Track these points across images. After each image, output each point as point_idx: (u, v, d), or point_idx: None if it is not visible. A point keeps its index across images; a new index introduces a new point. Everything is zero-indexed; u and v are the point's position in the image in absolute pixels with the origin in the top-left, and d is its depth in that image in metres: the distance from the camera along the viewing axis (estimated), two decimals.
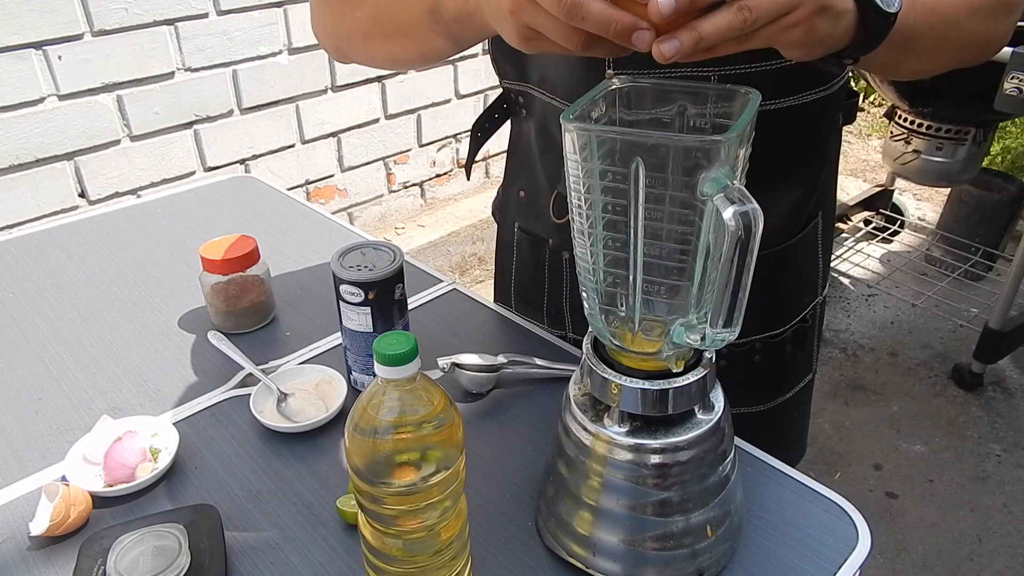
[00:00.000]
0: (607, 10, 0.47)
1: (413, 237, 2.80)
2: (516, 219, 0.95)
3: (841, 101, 0.80)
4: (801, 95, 0.73)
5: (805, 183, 0.80)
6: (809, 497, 0.70)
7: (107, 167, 2.07)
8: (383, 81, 2.60)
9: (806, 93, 0.74)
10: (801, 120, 0.75)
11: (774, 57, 0.69)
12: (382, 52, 0.74)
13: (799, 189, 0.80)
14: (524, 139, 0.90)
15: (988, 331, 2.18)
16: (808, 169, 0.80)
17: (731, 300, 0.49)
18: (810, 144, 0.79)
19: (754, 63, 0.69)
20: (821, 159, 0.82)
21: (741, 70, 0.69)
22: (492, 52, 0.86)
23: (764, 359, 0.85)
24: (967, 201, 2.65)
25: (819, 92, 0.74)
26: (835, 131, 0.84)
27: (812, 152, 0.80)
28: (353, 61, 0.80)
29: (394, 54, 0.73)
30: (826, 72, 0.74)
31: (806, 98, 0.74)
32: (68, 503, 0.66)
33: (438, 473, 0.52)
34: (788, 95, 0.72)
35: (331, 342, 0.93)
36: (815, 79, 0.74)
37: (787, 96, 0.72)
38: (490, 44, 0.85)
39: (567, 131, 0.50)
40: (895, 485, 1.96)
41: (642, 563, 0.59)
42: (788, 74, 0.70)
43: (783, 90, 0.72)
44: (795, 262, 0.84)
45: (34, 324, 0.96)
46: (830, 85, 0.75)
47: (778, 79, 0.70)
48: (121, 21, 1.96)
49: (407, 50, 0.71)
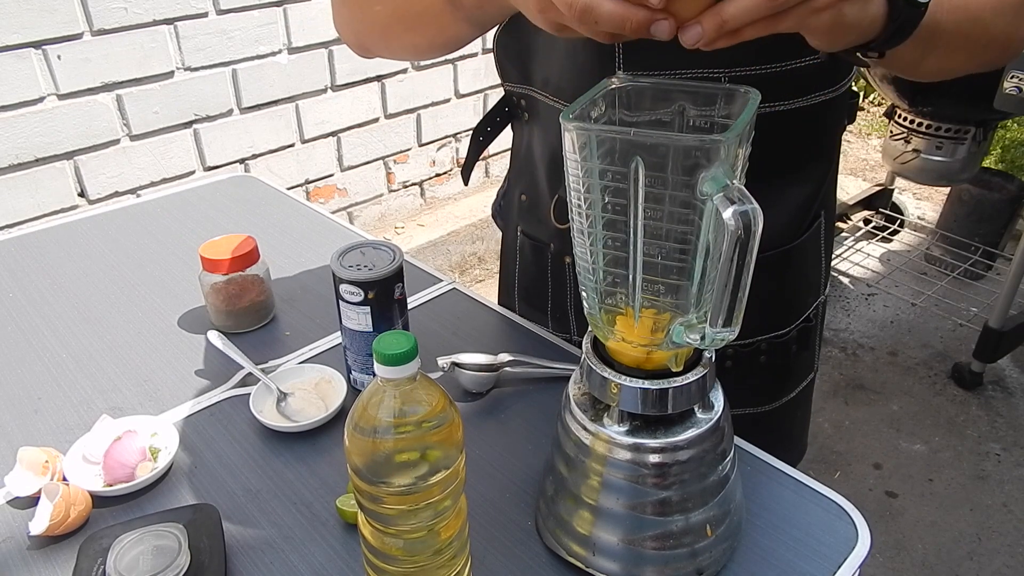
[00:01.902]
0: (618, 9, 0.46)
1: (413, 237, 2.80)
2: (519, 223, 0.95)
3: (847, 101, 0.80)
4: (811, 96, 0.73)
5: (813, 181, 0.80)
6: (809, 496, 0.70)
7: (107, 166, 2.07)
8: (383, 80, 2.60)
9: (816, 94, 0.73)
10: (810, 120, 0.75)
11: (785, 58, 0.69)
12: (403, 43, 0.74)
13: (807, 187, 0.80)
14: (526, 143, 0.89)
15: (988, 330, 2.19)
16: (815, 168, 0.80)
17: (731, 300, 0.49)
18: (818, 143, 0.80)
19: (765, 65, 0.69)
20: (828, 158, 0.82)
21: (752, 72, 0.69)
22: (496, 54, 0.86)
23: (770, 359, 0.85)
24: (967, 200, 2.65)
25: (828, 93, 0.74)
26: (840, 131, 0.84)
27: (819, 151, 0.80)
28: (375, 55, 0.80)
29: (415, 44, 0.73)
30: (836, 73, 0.74)
31: (816, 99, 0.74)
32: (68, 503, 0.66)
33: (438, 473, 0.52)
34: (798, 96, 0.72)
35: (331, 342, 0.93)
36: (824, 80, 0.74)
37: (797, 97, 0.72)
38: (495, 46, 0.85)
39: (567, 131, 0.50)
40: (895, 484, 1.96)
41: (642, 562, 0.59)
42: (799, 75, 0.70)
43: (794, 91, 0.72)
44: (801, 262, 0.84)
45: (34, 324, 0.96)
46: (839, 86, 0.75)
47: (789, 80, 0.70)
48: (121, 20, 1.96)
49: (429, 38, 0.71)
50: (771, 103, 0.71)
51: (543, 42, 0.78)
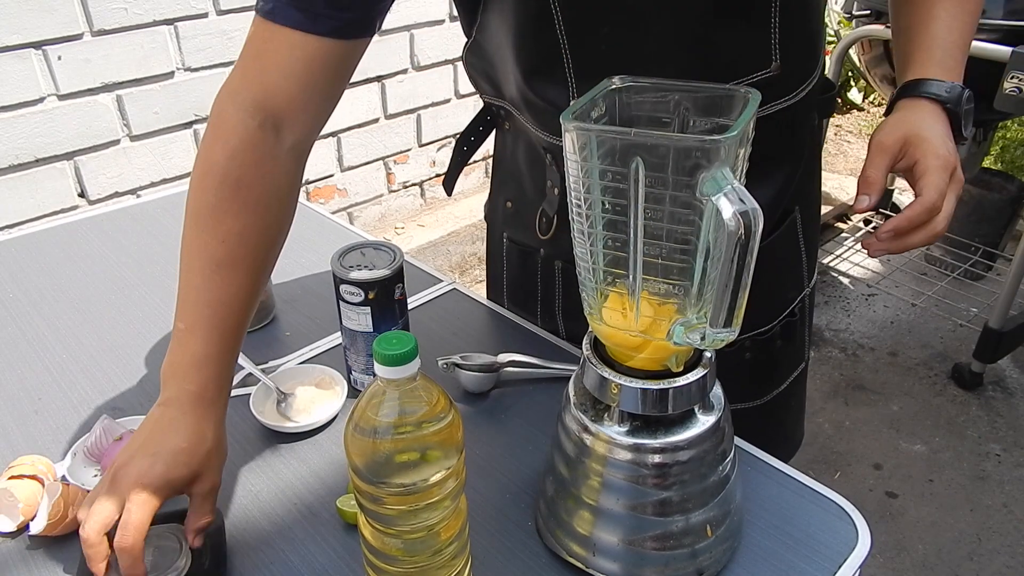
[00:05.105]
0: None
1: (413, 237, 2.80)
2: (504, 229, 0.94)
3: (815, 100, 0.79)
4: (766, 107, 0.72)
5: (775, 184, 0.79)
6: (809, 497, 0.70)
7: (107, 167, 2.07)
8: (383, 81, 2.60)
9: (774, 103, 0.72)
10: (772, 127, 0.73)
11: (733, 76, 0.69)
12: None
13: (770, 191, 0.78)
14: (509, 151, 0.89)
15: (988, 331, 2.18)
16: (778, 171, 0.79)
17: (731, 300, 0.49)
18: (781, 147, 0.78)
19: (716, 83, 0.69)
20: (794, 159, 0.80)
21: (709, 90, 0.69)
22: (467, 70, 0.86)
23: (755, 356, 0.85)
24: (967, 201, 2.65)
25: (787, 100, 0.73)
26: (809, 131, 0.82)
27: (785, 152, 0.79)
28: None
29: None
30: (790, 82, 0.73)
31: (772, 108, 0.72)
32: (67, 503, 0.66)
33: (438, 473, 0.52)
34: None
35: (331, 342, 0.93)
36: (779, 91, 0.72)
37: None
38: (464, 64, 0.85)
39: (567, 131, 0.50)
40: (895, 485, 1.95)
41: (642, 563, 0.59)
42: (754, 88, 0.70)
43: None
44: (773, 258, 0.82)
45: (34, 324, 0.96)
46: (796, 93, 0.74)
47: None
48: (121, 21, 1.96)
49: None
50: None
51: (502, 65, 0.78)
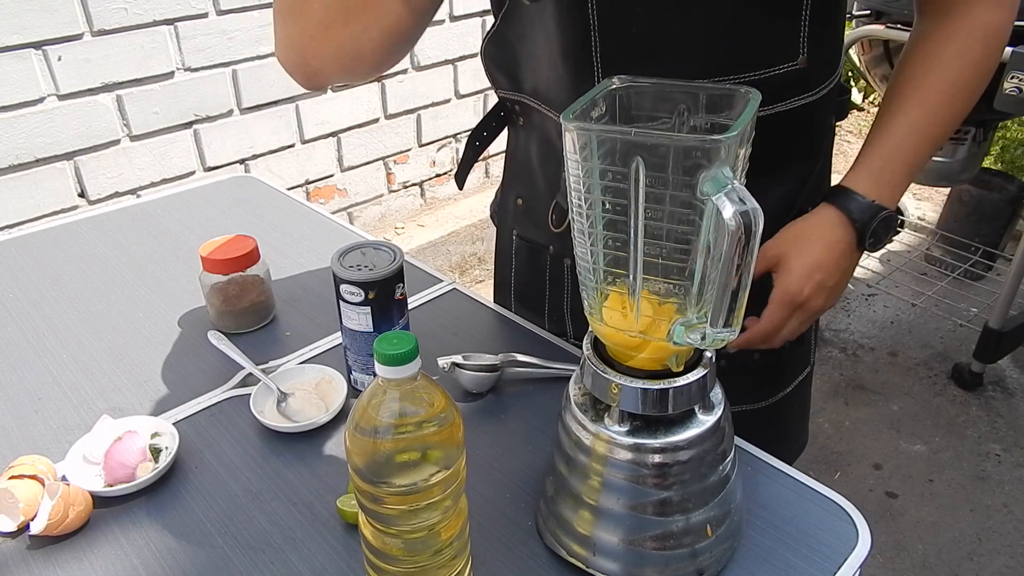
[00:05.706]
0: None
1: (413, 237, 2.80)
2: (514, 226, 0.94)
3: (833, 100, 0.80)
4: (790, 101, 0.73)
5: (793, 179, 0.80)
6: (809, 496, 0.70)
7: (107, 167, 2.07)
8: (383, 81, 2.60)
9: (795, 99, 0.74)
10: (791, 123, 0.75)
11: (761, 67, 0.69)
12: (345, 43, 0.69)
13: (787, 185, 0.80)
14: (522, 147, 0.89)
15: (988, 331, 2.18)
16: (796, 167, 0.80)
17: (731, 300, 0.49)
18: (801, 144, 0.79)
19: (742, 73, 0.70)
20: (811, 156, 0.81)
21: (729, 81, 0.69)
22: (485, 63, 0.86)
23: (763, 356, 0.85)
24: (967, 201, 2.65)
25: (808, 97, 0.74)
26: (827, 130, 0.83)
27: (803, 151, 0.80)
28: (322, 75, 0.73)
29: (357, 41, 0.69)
30: (814, 77, 0.74)
31: (795, 103, 0.74)
32: (67, 502, 0.66)
33: (439, 473, 0.52)
34: (777, 102, 0.73)
35: (331, 342, 0.93)
36: (803, 85, 0.74)
37: (777, 103, 0.73)
38: (483, 55, 0.85)
39: (567, 131, 0.50)
40: (895, 485, 1.96)
41: (642, 563, 0.59)
42: (775, 82, 0.71)
43: (771, 98, 0.72)
44: None
45: (34, 324, 0.96)
46: (818, 89, 0.75)
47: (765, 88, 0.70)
48: (121, 21, 1.96)
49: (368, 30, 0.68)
50: None
51: (527, 53, 0.78)
